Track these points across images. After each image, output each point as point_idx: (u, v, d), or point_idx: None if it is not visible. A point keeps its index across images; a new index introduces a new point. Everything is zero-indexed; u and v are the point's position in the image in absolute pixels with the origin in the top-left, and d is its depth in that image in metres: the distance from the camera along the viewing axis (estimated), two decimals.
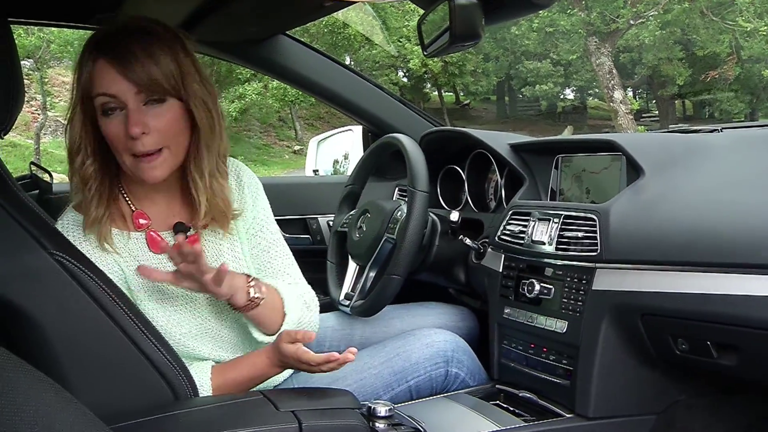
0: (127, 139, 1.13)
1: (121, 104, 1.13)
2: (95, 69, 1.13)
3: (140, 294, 1.19)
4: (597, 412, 1.30)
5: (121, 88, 1.12)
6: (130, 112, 1.13)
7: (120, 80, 1.12)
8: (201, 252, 1.12)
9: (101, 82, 1.13)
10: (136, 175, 1.17)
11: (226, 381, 1.22)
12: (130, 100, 1.13)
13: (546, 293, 1.40)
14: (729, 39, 17.12)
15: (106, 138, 1.16)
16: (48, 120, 13.62)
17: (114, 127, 1.14)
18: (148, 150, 1.14)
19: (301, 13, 1.58)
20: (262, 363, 1.24)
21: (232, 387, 1.22)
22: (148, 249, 1.23)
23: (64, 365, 1.04)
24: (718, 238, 1.14)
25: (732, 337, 1.13)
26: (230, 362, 1.26)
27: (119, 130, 1.13)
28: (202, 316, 1.25)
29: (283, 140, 19.76)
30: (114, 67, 1.12)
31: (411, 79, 22.46)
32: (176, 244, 1.12)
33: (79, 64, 1.16)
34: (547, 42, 18.91)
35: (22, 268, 1.03)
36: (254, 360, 1.25)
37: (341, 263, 1.82)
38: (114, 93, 1.12)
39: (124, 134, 1.13)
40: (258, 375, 1.24)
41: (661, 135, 1.72)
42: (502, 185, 1.79)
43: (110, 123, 1.14)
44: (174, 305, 1.22)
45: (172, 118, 1.17)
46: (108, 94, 1.13)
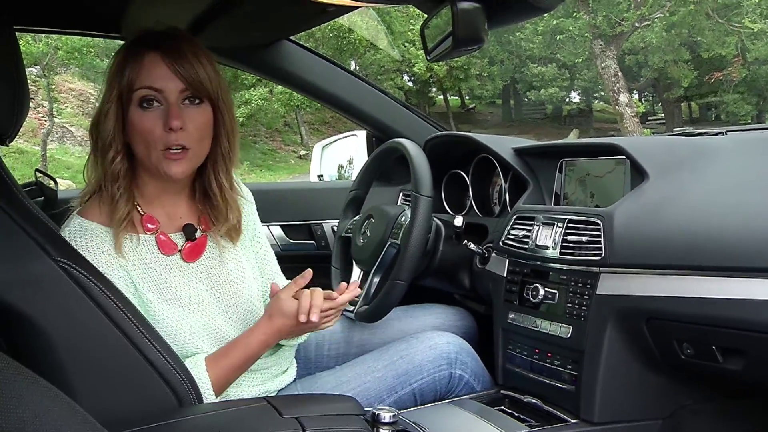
0: (161, 133, 1.17)
1: (162, 99, 1.17)
2: (144, 61, 1.17)
3: (149, 295, 1.20)
4: (602, 417, 1.29)
5: (169, 83, 1.17)
6: (171, 107, 1.17)
7: (169, 75, 1.17)
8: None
9: (149, 75, 1.17)
10: (161, 170, 1.19)
11: (221, 369, 1.23)
12: (172, 96, 1.17)
13: (550, 298, 1.40)
14: (735, 41, 17.07)
15: (135, 131, 1.18)
16: (55, 126, 13.67)
17: (149, 120, 1.17)
18: (180, 143, 1.18)
19: (304, 18, 1.57)
20: (256, 340, 1.26)
21: (229, 373, 1.24)
22: (158, 251, 1.24)
23: (68, 372, 1.04)
24: (723, 242, 1.14)
25: (738, 341, 1.12)
26: (221, 350, 1.26)
27: (155, 123, 1.17)
28: (210, 316, 1.27)
29: (288, 145, 19.79)
30: (165, 62, 1.17)
31: (416, 83, 22.44)
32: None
33: (124, 57, 1.19)
34: (553, 45, 18.89)
35: (27, 275, 1.03)
36: (247, 340, 1.27)
37: (346, 268, 1.82)
38: (160, 87, 1.17)
39: (161, 128, 1.17)
40: (252, 354, 1.27)
41: (665, 138, 1.72)
42: (506, 189, 1.78)
43: (146, 116, 1.17)
44: (182, 305, 1.24)
45: (205, 121, 1.22)
46: (154, 88, 1.16)
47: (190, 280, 1.26)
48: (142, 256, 1.22)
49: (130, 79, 1.17)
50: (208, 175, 1.28)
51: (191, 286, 1.26)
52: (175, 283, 1.24)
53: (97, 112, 1.21)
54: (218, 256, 1.31)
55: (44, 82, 13.66)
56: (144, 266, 1.21)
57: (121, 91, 1.17)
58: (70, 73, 15.80)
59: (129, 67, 1.17)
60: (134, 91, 1.17)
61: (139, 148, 1.19)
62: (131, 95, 1.17)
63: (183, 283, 1.25)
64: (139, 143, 1.19)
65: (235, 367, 1.25)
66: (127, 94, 1.17)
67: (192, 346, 1.23)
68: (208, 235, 1.31)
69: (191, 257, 1.27)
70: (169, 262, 1.25)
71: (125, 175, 1.21)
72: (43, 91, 14.03)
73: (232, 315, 1.31)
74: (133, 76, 1.17)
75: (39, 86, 14.23)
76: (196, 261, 1.28)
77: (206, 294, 1.28)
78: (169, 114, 1.17)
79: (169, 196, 1.28)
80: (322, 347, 1.61)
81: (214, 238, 1.31)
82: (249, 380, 1.32)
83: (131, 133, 1.19)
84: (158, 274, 1.23)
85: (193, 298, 1.25)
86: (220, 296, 1.30)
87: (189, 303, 1.24)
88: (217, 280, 1.30)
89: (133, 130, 1.18)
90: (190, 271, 1.27)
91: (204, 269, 1.29)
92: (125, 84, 1.17)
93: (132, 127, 1.18)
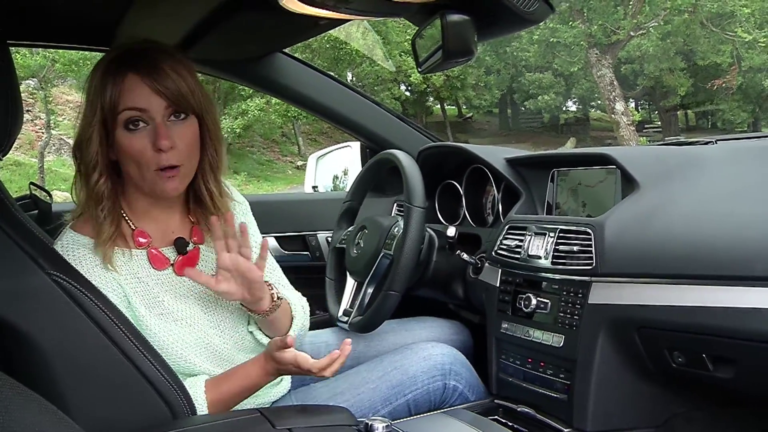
0: (152, 153, 1.16)
1: (148, 119, 1.16)
2: (125, 83, 1.15)
3: (141, 310, 1.20)
4: (595, 426, 1.29)
5: (152, 102, 1.16)
6: (158, 127, 1.16)
7: (150, 94, 1.16)
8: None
9: (131, 96, 1.15)
10: (156, 189, 1.20)
11: (221, 394, 1.22)
12: (158, 115, 1.16)
13: (542, 307, 1.40)
14: (730, 49, 17.16)
15: (125, 153, 1.17)
16: (52, 138, 13.67)
17: (138, 141, 1.16)
18: (172, 163, 1.18)
19: (297, 31, 1.58)
20: (256, 373, 1.25)
21: (227, 399, 1.23)
22: (149, 266, 1.24)
23: (62, 385, 1.03)
24: (712, 251, 1.15)
25: (728, 349, 1.13)
26: (223, 375, 1.26)
27: (144, 144, 1.16)
28: (202, 330, 1.26)
29: (286, 156, 19.80)
30: (145, 82, 1.15)
31: (413, 92, 22.50)
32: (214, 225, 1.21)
33: (102, 79, 1.17)
34: (548, 54, 18.96)
35: (20, 289, 1.03)
36: (247, 371, 1.26)
37: (340, 279, 1.82)
38: (144, 107, 1.15)
39: (151, 148, 1.16)
40: (252, 385, 1.26)
41: (656, 148, 1.73)
42: (499, 200, 1.79)
43: (134, 138, 1.16)
44: (174, 320, 1.23)
45: (193, 135, 1.22)
46: (137, 108, 1.15)
47: (181, 295, 1.26)
48: (134, 270, 1.22)
49: (113, 101, 1.15)
50: (198, 185, 1.28)
51: (182, 301, 1.26)
52: (167, 297, 1.24)
53: (79, 134, 1.20)
54: (210, 270, 1.30)
55: (41, 94, 13.66)
56: (136, 281, 1.21)
57: (105, 114, 1.16)
58: (68, 85, 15.81)
59: (109, 88, 1.15)
60: (118, 114, 1.16)
61: (131, 169, 1.19)
62: (116, 117, 1.16)
63: (174, 297, 1.25)
64: (130, 165, 1.19)
65: (233, 394, 1.24)
66: (111, 117, 1.16)
67: (185, 361, 1.23)
68: (200, 248, 1.31)
69: (183, 270, 1.26)
70: (160, 276, 1.25)
71: (109, 196, 1.20)
72: (41, 103, 14.03)
73: (223, 329, 1.30)
74: (116, 98, 1.15)
75: (36, 98, 14.23)
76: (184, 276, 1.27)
77: (197, 308, 1.27)
78: (157, 134, 1.16)
79: (160, 211, 1.28)
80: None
81: (206, 251, 1.31)
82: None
83: (121, 155, 1.18)
84: (150, 288, 1.22)
85: (184, 312, 1.25)
86: (211, 310, 1.30)
87: (181, 317, 1.24)
88: (208, 294, 1.29)
89: (123, 153, 1.18)
90: (182, 286, 1.27)
91: (195, 283, 1.27)
92: (108, 106, 1.16)
93: (121, 149, 1.18)
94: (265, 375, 1.25)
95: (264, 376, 1.26)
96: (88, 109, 1.18)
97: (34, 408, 0.76)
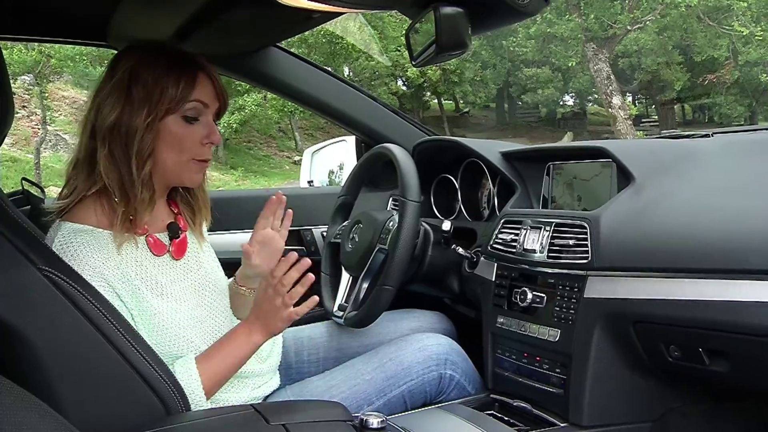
0: (200, 145, 1.28)
1: (203, 115, 1.28)
2: (198, 79, 1.26)
3: (144, 292, 1.22)
4: (591, 420, 1.29)
5: (214, 101, 1.29)
6: (211, 124, 1.30)
7: (214, 95, 1.29)
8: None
9: (202, 92, 1.27)
10: (185, 177, 1.30)
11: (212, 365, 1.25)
12: (211, 113, 1.30)
13: (538, 302, 1.40)
14: (727, 43, 17.16)
15: (175, 140, 1.25)
16: (48, 134, 13.63)
17: (193, 132, 1.27)
18: (209, 157, 1.32)
19: (290, 24, 1.57)
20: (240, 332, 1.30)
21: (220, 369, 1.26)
22: (149, 252, 1.27)
23: (54, 381, 1.03)
24: (708, 244, 1.14)
25: (723, 343, 1.13)
26: (210, 347, 1.28)
27: (197, 136, 1.27)
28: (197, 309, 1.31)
29: (283, 151, 19.79)
30: (212, 82, 1.29)
31: (410, 87, 22.48)
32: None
33: (168, 71, 1.24)
34: (545, 49, 18.94)
35: (11, 285, 1.02)
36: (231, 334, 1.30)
37: (335, 274, 1.82)
38: (209, 103, 1.28)
39: (197, 142, 1.27)
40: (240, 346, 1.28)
41: (652, 141, 1.72)
42: (494, 194, 1.79)
43: (190, 129, 1.26)
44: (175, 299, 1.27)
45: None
46: (204, 103, 1.27)
47: (177, 277, 1.30)
48: (137, 257, 1.25)
49: (184, 93, 1.24)
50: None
51: (178, 283, 1.30)
52: (165, 280, 1.27)
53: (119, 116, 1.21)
54: (196, 254, 1.37)
55: (37, 90, 13.62)
56: (137, 265, 1.24)
57: (169, 103, 1.23)
58: (63, 81, 15.76)
59: (183, 81, 1.24)
60: (186, 103, 1.24)
61: (170, 156, 1.26)
62: (179, 107, 1.24)
63: (171, 280, 1.29)
64: (171, 151, 1.26)
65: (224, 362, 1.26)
66: (173, 106, 1.24)
67: (184, 339, 1.25)
68: (186, 234, 1.37)
69: (179, 254, 1.33)
70: (159, 262, 1.28)
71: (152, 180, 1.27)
72: (36, 99, 14.00)
73: (215, 308, 1.35)
74: (188, 91, 1.24)
75: (32, 94, 14.19)
76: (181, 258, 1.33)
77: (191, 289, 1.32)
78: (212, 130, 1.29)
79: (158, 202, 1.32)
80: (302, 353, 1.62)
81: (191, 237, 1.38)
82: (234, 387, 1.33)
83: (160, 140, 1.24)
84: (151, 273, 1.25)
85: (181, 293, 1.29)
86: (202, 290, 1.34)
87: (179, 297, 1.28)
88: (198, 275, 1.35)
89: (168, 138, 1.25)
90: (177, 269, 1.32)
91: (187, 266, 1.34)
92: (176, 96, 1.23)
93: (168, 135, 1.25)
94: (249, 332, 1.29)
95: (249, 334, 1.29)
96: (143, 94, 1.22)
97: (23, 405, 0.76)
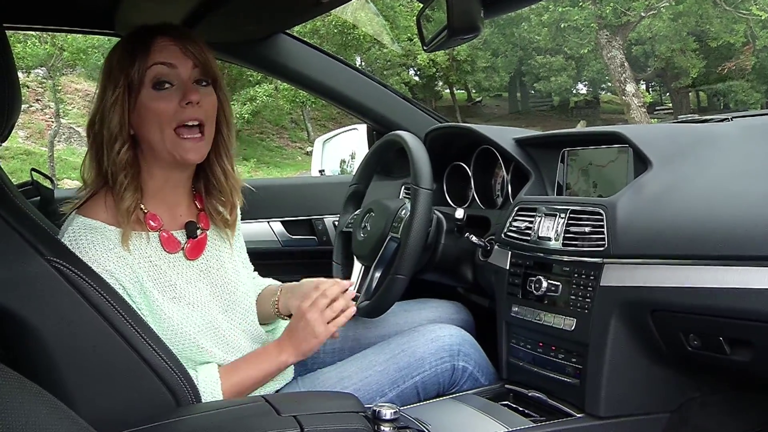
0: (177, 109, 1.19)
1: (176, 78, 1.19)
2: (155, 44, 1.18)
3: (155, 294, 1.20)
4: (608, 411, 1.27)
5: (180, 61, 1.20)
6: (185, 84, 1.20)
7: (180, 55, 1.20)
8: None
9: (162, 54, 1.18)
10: (176, 153, 1.20)
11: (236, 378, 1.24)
12: (185, 74, 1.20)
13: (553, 290, 1.37)
14: (744, 29, 16.91)
15: (150, 113, 1.18)
16: (61, 127, 13.70)
17: (165, 100, 1.19)
18: (196, 116, 1.20)
19: (299, 10, 1.56)
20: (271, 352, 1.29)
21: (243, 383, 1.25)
22: (161, 249, 1.24)
23: (63, 372, 1.02)
24: (729, 230, 1.11)
25: (745, 332, 1.10)
26: (237, 360, 1.28)
27: (169, 103, 1.19)
28: (211, 314, 1.27)
29: (295, 142, 19.78)
30: (174, 43, 1.20)
31: (422, 77, 22.38)
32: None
33: (127, 45, 1.20)
34: (558, 37, 18.77)
35: (20, 276, 1.01)
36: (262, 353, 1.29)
37: (347, 264, 1.80)
38: (174, 63, 1.19)
39: (175, 105, 1.19)
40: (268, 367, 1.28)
41: (669, 126, 1.69)
42: (508, 181, 1.76)
43: (161, 96, 1.19)
44: (187, 303, 1.24)
45: (214, 102, 1.25)
46: (167, 63, 1.18)
47: (192, 278, 1.27)
48: (147, 253, 1.23)
49: (142, 62, 1.17)
50: (212, 164, 1.30)
51: (193, 284, 1.26)
52: (179, 281, 1.24)
53: (97, 107, 1.21)
54: (216, 255, 1.33)
55: (50, 83, 13.68)
56: (149, 264, 1.22)
57: (131, 77, 1.17)
58: (76, 74, 15.82)
59: (138, 50, 1.18)
60: (147, 70, 1.17)
61: (151, 133, 1.20)
62: (143, 78, 1.17)
63: (185, 281, 1.26)
64: (151, 127, 1.19)
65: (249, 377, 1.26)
66: (139, 78, 1.17)
67: (196, 345, 1.23)
68: (207, 233, 1.32)
69: (193, 255, 1.28)
70: (172, 259, 1.25)
71: (132, 164, 1.21)
72: (50, 92, 14.06)
73: (231, 313, 1.32)
74: (145, 59, 1.18)
75: (45, 88, 14.25)
76: (197, 259, 1.29)
77: (206, 292, 1.28)
78: (186, 90, 1.19)
79: (170, 190, 1.29)
80: None
81: (212, 237, 1.33)
82: None
83: (141, 119, 1.19)
84: (163, 272, 1.23)
85: (195, 296, 1.26)
86: (219, 294, 1.31)
87: (192, 301, 1.25)
88: (216, 278, 1.31)
89: (146, 114, 1.19)
90: (192, 269, 1.28)
91: (204, 267, 1.30)
92: (136, 67, 1.17)
93: (145, 110, 1.18)
94: (280, 351, 1.28)
95: (279, 353, 1.28)
96: (108, 79, 1.19)
97: (30, 397, 0.75)
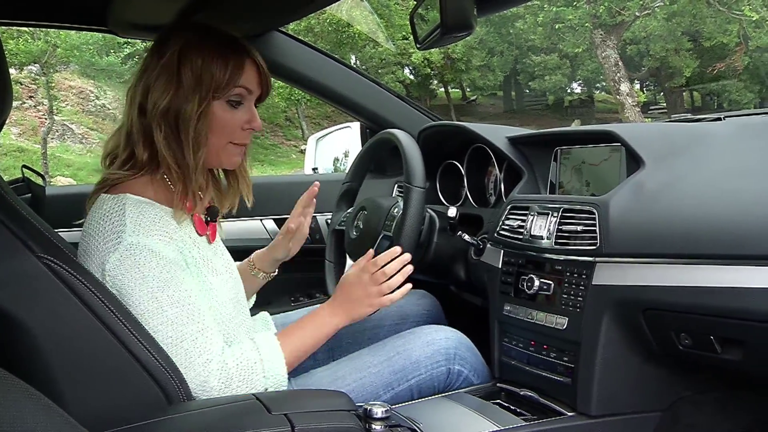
0: (241, 130, 1.30)
1: (246, 100, 1.30)
2: (246, 65, 1.27)
3: (201, 268, 1.26)
4: (599, 409, 1.27)
5: (257, 89, 1.31)
6: (252, 109, 1.31)
7: (259, 82, 1.31)
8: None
9: (248, 78, 1.28)
10: (224, 159, 1.31)
11: (296, 342, 1.30)
12: (253, 99, 1.32)
13: (546, 289, 1.37)
14: (737, 29, 16.96)
15: (219, 125, 1.27)
16: (55, 124, 13.65)
17: (236, 117, 1.29)
18: (247, 141, 1.33)
19: (293, 7, 1.55)
20: (325, 315, 1.35)
21: (300, 346, 1.31)
22: (194, 230, 1.31)
23: (54, 369, 1.02)
24: (721, 230, 1.11)
25: (736, 331, 1.10)
26: (290, 326, 1.34)
27: (239, 120, 1.29)
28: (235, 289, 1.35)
29: (290, 140, 19.77)
30: (258, 70, 1.30)
31: (417, 76, 22.38)
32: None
33: (218, 55, 1.25)
34: (553, 36, 18.79)
35: (10, 273, 1.01)
36: (314, 316, 1.36)
37: (340, 262, 1.79)
38: (253, 90, 1.30)
39: (238, 125, 1.29)
40: (321, 329, 1.34)
41: (662, 125, 1.69)
42: (501, 179, 1.76)
43: (234, 114, 1.28)
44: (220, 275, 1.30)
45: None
46: (248, 89, 1.28)
47: (215, 256, 1.33)
48: (189, 232, 1.28)
49: (232, 79, 1.25)
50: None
51: (218, 261, 1.33)
52: (214, 259, 1.31)
53: (181, 104, 1.23)
54: (219, 240, 1.40)
55: (44, 80, 13.63)
56: (192, 243, 1.27)
57: (215, 87, 1.24)
58: (70, 71, 15.77)
59: (234, 69, 1.25)
60: (232, 88, 1.25)
61: (213, 139, 1.27)
62: (225, 92, 1.25)
63: (214, 257, 1.32)
64: (213, 135, 1.27)
65: (305, 342, 1.32)
66: (220, 90, 1.24)
67: (226, 315, 1.29)
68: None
69: (213, 238, 1.36)
70: (200, 241, 1.31)
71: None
72: (43, 89, 14.01)
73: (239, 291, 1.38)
74: (236, 77, 1.25)
75: (39, 84, 14.20)
76: (213, 243, 1.36)
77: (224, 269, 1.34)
78: (253, 116, 1.31)
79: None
80: None
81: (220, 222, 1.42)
82: None
83: (209, 125, 1.26)
84: (200, 249, 1.28)
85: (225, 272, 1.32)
86: (231, 272, 1.37)
87: (223, 277, 1.31)
88: (224, 259, 1.37)
89: (215, 124, 1.26)
90: (211, 251, 1.33)
91: (218, 251, 1.37)
92: (223, 81, 1.24)
93: (215, 120, 1.26)
94: (333, 314, 1.35)
95: (332, 316, 1.35)
96: (196, 84, 1.23)
97: (19, 395, 0.74)
